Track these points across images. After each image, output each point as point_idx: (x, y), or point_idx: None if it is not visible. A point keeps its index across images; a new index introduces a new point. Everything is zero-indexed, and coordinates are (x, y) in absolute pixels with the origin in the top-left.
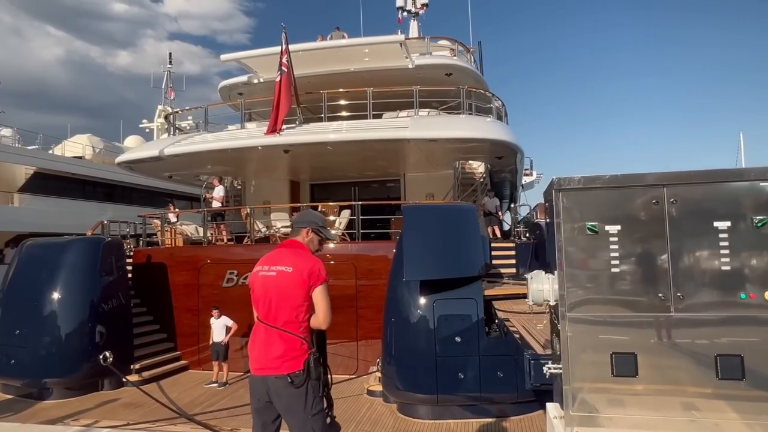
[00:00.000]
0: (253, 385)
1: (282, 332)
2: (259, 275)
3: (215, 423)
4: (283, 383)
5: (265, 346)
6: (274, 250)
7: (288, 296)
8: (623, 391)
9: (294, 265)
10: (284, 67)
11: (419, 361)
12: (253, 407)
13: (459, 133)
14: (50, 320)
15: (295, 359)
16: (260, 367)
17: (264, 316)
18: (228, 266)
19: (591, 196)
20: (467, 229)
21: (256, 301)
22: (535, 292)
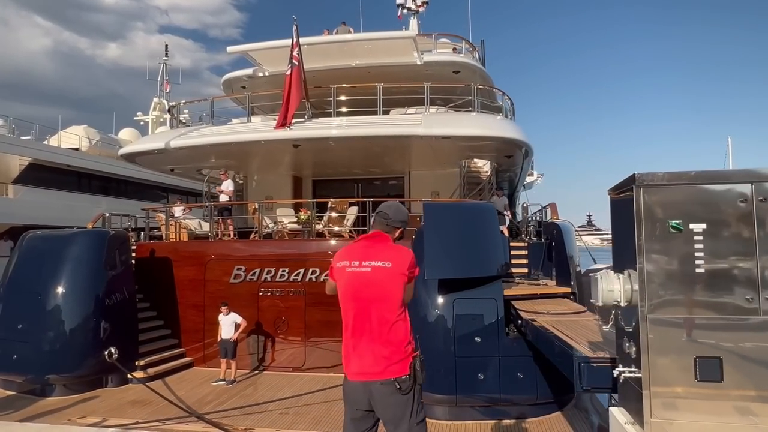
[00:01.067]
0: (351, 393)
1: (385, 334)
2: (348, 272)
3: (227, 422)
4: (389, 390)
5: (367, 349)
6: (357, 243)
7: (388, 294)
8: (707, 397)
9: (392, 260)
10: (295, 60)
11: (438, 362)
12: (349, 417)
13: (473, 131)
14: (54, 315)
15: (401, 362)
16: (361, 372)
17: (360, 316)
18: (235, 262)
19: (675, 192)
20: (488, 228)
21: (349, 299)
22: (605, 293)
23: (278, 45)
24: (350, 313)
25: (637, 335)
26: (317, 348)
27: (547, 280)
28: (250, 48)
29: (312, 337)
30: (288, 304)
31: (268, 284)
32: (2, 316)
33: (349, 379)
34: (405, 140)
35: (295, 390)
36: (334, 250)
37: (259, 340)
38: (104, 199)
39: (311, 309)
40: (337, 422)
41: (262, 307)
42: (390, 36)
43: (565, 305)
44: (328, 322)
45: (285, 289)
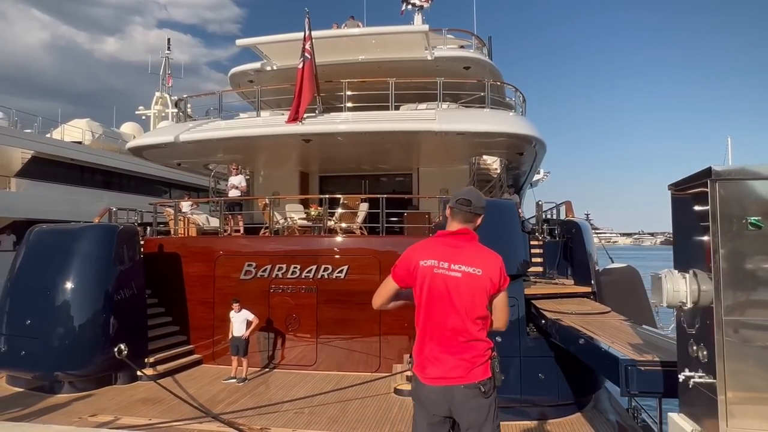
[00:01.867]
0: (429, 397)
1: (468, 340)
2: (436, 273)
3: (242, 422)
4: (473, 393)
5: (447, 354)
6: (441, 240)
7: (477, 301)
8: None
9: (483, 267)
10: (307, 54)
11: None
12: (426, 422)
13: (489, 127)
14: (63, 311)
15: (483, 365)
16: (441, 375)
17: (443, 322)
18: (246, 258)
19: (755, 187)
20: (509, 225)
21: (434, 303)
22: (670, 293)
23: (287, 38)
24: (432, 316)
25: (710, 338)
26: (329, 346)
27: (564, 279)
28: (259, 41)
29: (323, 334)
30: (299, 301)
31: (279, 281)
32: (9, 312)
33: (427, 384)
34: (417, 136)
35: (308, 389)
36: (346, 246)
37: (270, 338)
38: (106, 193)
39: (323, 306)
40: (352, 421)
41: (273, 305)
42: (402, 30)
43: (588, 305)
44: (340, 320)
45: (296, 286)
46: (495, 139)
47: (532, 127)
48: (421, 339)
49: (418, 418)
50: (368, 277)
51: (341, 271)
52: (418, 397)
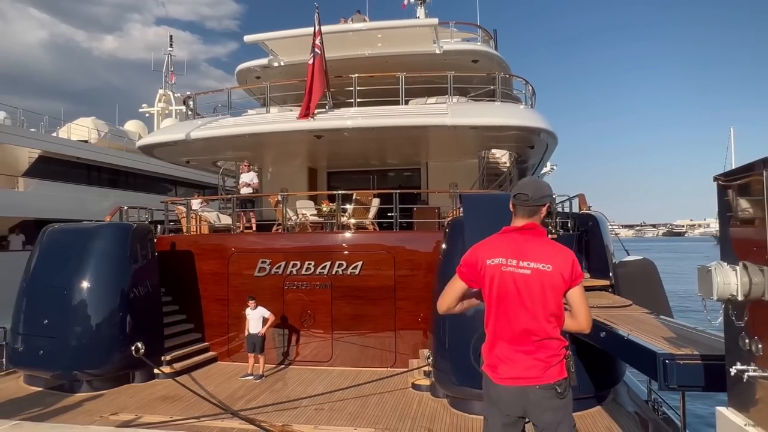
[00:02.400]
0: (502, 398)
1: (541, 340)
2: (504, 271)
3: (262, 418)
4: (549, 394)
5: (520, 353)
6: (506, 236)
7: (548, 298)
8: None
9: (553, 263)
10: (317, 49)
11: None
12: (500, 422)
13: (502, 121)
14: (80, 310)
15: (558, 365)
16: (516, 376)
17: (515, 322)
18: (260, 255)
19: None
20: None
21: (503, 302)
22: (721, 286)
23: (295, 34)
24: (502, 315)
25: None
26: (345, 342)
27: None
28: (266, 37)
29: (339, 331)
30: (314, 297)
31: (294, 278)
32: (26, 312)
33: (499, 384)
34: (429, 130)
35: (326, 385)
36: (360, 242)
37: (285, 335)
38: (112, 191)
39: (338, 303)
40: (374, 417)
41: (288, 301)
42: (410, 24)
43: (609, 298)
44: (355, 316)
45: (311, 282)
46: (507, 132)
47: (544, 120)
48: (491, 338)
49: (490, 418)
50: (383, 273)
51: (356, 267)
52: (490, 397)
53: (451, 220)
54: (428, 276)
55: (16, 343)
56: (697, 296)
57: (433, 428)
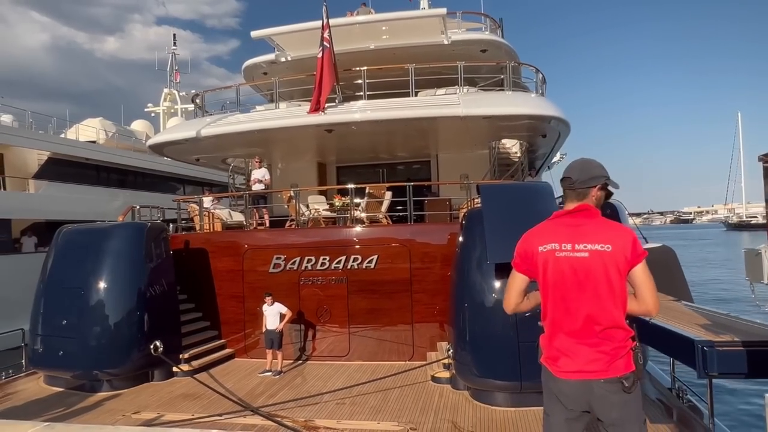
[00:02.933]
0: (564, 392)
1: (606, 329)
2: (559, 257)
3: (284, 414)
4: (615, 388)
5: (582, 345)
6: (558, 220)
7: (612, 281)
8: None
9: (612, 242)
10: (326, 43)
11: (500, 348)
12: (563, 417)
13: (516, 110)
14: (98, 309)
15: (625, 357)
16: (578, 369)
17: (575, 310)
18: (274, 251)
19: None
20: (548, 209)
21: (561, 289)
22: None
23: (302, 28)
24: (560, 304)
25: None
26: (361, 336)
27: None
28: (273, 32)
29: (355, 325)
30: (330, 292)
31: (309, 273)
32: (44, 313)
33: (562, 378)
34: (441, 122)
35: (345, 380)
36: (374, 236)
37: (302, 330)
38: (121, 192)
39: (354, 297)
40: (395, 411)
41: (304, 297)
42: (418, 15)
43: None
44: (371, 310)
45: (326, 277)
46: (520, 122)
47: (557, 108)
48: (550, 329)
49: (552, 413)
50: (398, 266)
51: (371, 261)
52: (550, 391)
53: (467, 212)
54: (444, 268)
55: (36, 344)
56: (713, 283)
57: (457, 421)
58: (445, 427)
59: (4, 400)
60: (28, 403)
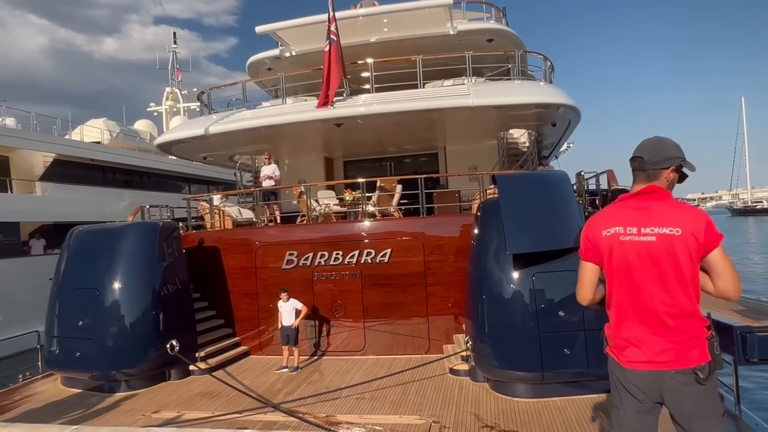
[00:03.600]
0: (633, 383)
1: (677, 317)
2: (624, 241)
3: (305, 410)
4: (688, 379)
5: (652, 335)
6: (624, 203)
7: (682, 266)
8: None
9: (682, 225)
10: (333, 36)
11: (520, 339)
12: (633, 409)
13: (528, 99)
14: (114, 310)
15: (699, 347)
16: (649, 359)
17: (643, 297)
18: (287, 247)
19: None
20: (565, 198)
21: (626, 275)
22: None
23: (307, 22)
24: (626, 291)
25: None
26: (377, 331)
27: None
28: (278, 27)
29: (370, 319)
30: (344, 287)
31: (322, 268)
32: (59, 314)
33: (631, 368)
34: (451, 113)
35: (363, 374)
36: (387, 230)
37: (317, 326)
38: (127, 192)
39: (368, 291)
40: (416, 404)
41: (318, 292)
42: (424, 5)
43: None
44: (386, 304)
45: (340, 272)
46: (531, 111)
47: (567, 96)
48: (616, 317)
49: (622, 405)
50: (412, 260)
51: (384, 255)
52: (619, 382)
53: (482, 203)
54: (458, 260)
55: (52, 345)
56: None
57: (479, 413)
58: (468, 419)
59: (23, 403)
60: (47, 405)
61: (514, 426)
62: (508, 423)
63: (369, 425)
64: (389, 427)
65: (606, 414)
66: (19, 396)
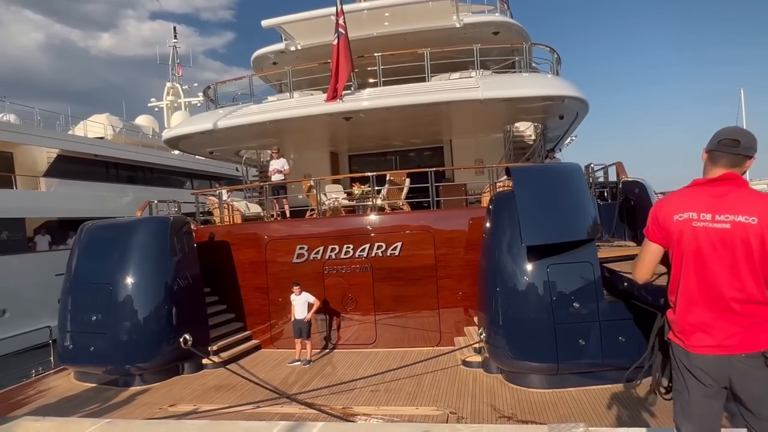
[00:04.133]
0: (700, 367)
1: (746, 303)
2: (697, 227)
3: (321, 402)
4: (758, 363)
5: (724, 318)
6: (703, 188)
7: (752, 257)
8: None
9: (759, 214)
10: (341, 29)
11: (535, 330)
12: (700, 394)
13: (537, 91)
14: (127, 304)
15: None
16: (717, 344)
17: (713, 284)
18: (297, 241)
19: None
20: (579, 189)
21: (697, 261)
22: None
23: (312, 16)
24: (695, 277)
25: None
26: (388, 324)
27: (620, 241)
28: (284, 20)
29: (381, 312)
30: (355, 280)
31: (333, 262)
32: (72, 309)
33: (698, 353)
34: (459, 105)
35: (376, 367)
36: (397, 223)
37: (328, 319)
38: (130, 188)
39: (379, 284)
40: (432, 396)
41: (328, 286)
42: None
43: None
44: (397, 297)
45: (350, 266)
46: (540, 103)
47: (576, 88)
48: (684, 303)
49: (688, 390)
50: (423, 253)
51: (395, 248)
52: (684, 367)
53: (495, 196)
54: (469, 253)
55: (66, 340)
56: None
57: (495, 404)
58: (485, 410)
59: (38, 397)
60: (62, 400)
61: (531, 416)
62: (525, 413)
63: (387, 416)
64: (407, 418)
65: (622, 404)
66: (34, 391)
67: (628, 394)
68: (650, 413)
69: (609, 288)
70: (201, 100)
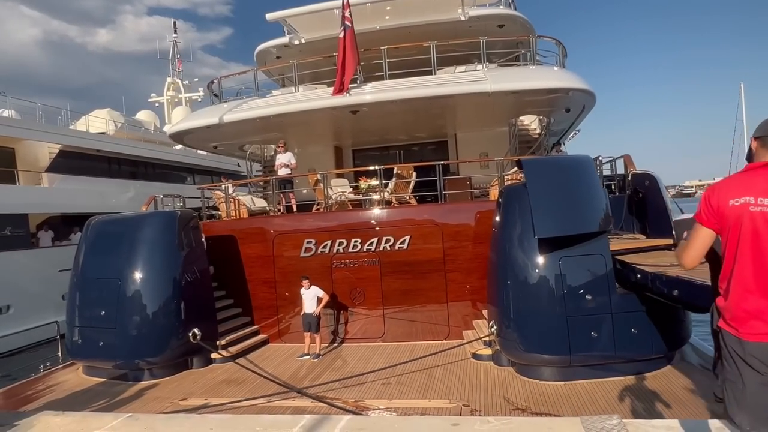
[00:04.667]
0: (756, 355)
1: None
2: (753, 211)
3: (332, 396)
4: None
5: None
6: (759, 172)
7: None
8: None
9: None
10: (347, 22)
11: (547, 323)
12: (756, 382)
13: (546, 83)
14: (136, 299)
15: None
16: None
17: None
18: (305, 235)
19: None
20: (591, 181)
21: (755, 245)
22: None
23: (317, 9)
24: (751, 263)
25: None
26: (396, 318)
27: (630, 233)
28: (288, 14)
29: (390, 306)
30: (363, 274)
31: (341, 256)
32: (80, 304)
33: (752, 341)
34: (467, 98)
35: (386, 360)
36: (406, 217)
37: (336, 313)
38: (132, 183)
39: (387, 278)
40: (444, 389)
41: (336, 280)
42: None
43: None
44: (405, 291)
45: (359, 259)
46: (547, 96)
47: (583, 80)
48: (739, 290)
49: (742, 378)
50: (431, 246)
51: (403, 242)
52: (738, 356)
53: (504, 189)
54: (477, 246)
55: (74, 335)
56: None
57: (508, 396)
58: (498, 402)
59: (48, 392)
60: (72, 394)
61: (545, 408)
62: (538, 406)
63: (400, 409)
64: (420, 411)
65: (635, 396)
66: (43, 386)
67: (641, 386)
68: (665, 404)
69: (621, 280)
70: (201, 95)
